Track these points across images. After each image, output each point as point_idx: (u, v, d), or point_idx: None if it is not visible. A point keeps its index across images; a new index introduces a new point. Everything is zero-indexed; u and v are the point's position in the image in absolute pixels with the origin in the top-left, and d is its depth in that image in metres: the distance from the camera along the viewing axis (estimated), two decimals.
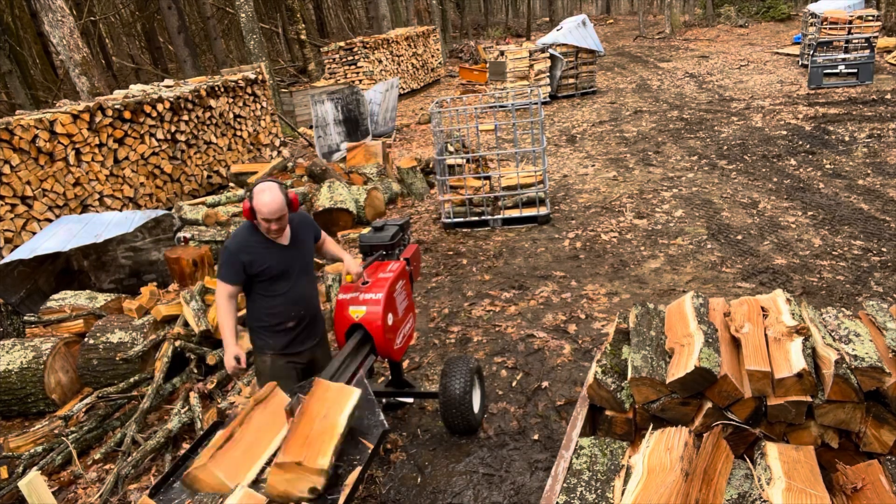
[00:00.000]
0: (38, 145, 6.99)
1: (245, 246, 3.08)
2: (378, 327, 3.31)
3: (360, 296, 3.39)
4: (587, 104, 14.26)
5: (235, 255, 3.06)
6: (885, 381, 2.02)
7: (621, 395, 2.35)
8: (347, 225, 7.56)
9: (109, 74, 24.62)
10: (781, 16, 25.62)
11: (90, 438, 4.17)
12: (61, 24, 10.25)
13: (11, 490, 3.68)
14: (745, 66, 16.34)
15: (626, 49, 23.73)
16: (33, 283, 5.72)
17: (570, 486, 1.96)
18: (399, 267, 3.64)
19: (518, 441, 3.65)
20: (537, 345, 4.66)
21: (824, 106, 10.90)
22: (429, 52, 21.14)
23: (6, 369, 4.50)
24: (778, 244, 5.84)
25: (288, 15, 25.69)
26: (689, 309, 2.52)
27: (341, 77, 17.28)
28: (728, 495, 1.76)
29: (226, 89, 10.31)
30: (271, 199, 2.96)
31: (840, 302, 4.69)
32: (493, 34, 32.77)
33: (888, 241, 5.59)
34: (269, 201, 2.95)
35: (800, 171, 7.77)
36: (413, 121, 14.91)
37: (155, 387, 4.32)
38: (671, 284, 5.34)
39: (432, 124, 7.04)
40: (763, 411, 2.16)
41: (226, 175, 10.01)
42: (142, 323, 4.75)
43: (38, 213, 6.93)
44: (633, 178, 8.39)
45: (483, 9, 41.44)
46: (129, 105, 8.28)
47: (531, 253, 6.43)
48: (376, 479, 3.50)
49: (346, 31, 35.37)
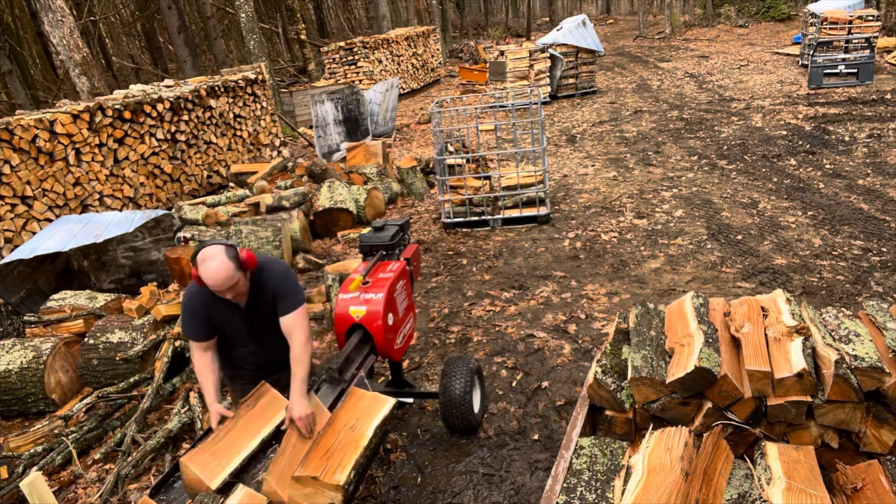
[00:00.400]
0: (38, 145, 6.99)
1: (205, 303, 2.79)
2: (378, 327, 3.31)
3: (360, 296, 3.39)
4: (587, 104, 14.26)
5: (195, 311, 2.81)
6: (885, 381, 2.02)
7: (621, 395, 2.35)
8: (347, 225, 7.56)
9: (109, 74, 24.62)
10: (781, 16, 25.61)
11: (90, 438, 4.17)
12: (61, 24, 10.25)
13: (11, 490, 3.68)
14: (745, 66, 16.34)
15: (626, 49, 23.73)
16: (33, 283, 5.71)
17: (570, 486, 1.96)
18: (399, 267, 3.64)
19: (518, 441, 3.65)
20: (537, 345, 4.66)
21: (824, 106, 10.90)
22: (429, 52, 21.14)
23: (6, 369, 4.50)
24: (778, 244, 5.84)
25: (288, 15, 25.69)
26: (689, 309, 2.52)
27: (341, 77, 17.28)
28: (728, 495, 1.76)
29: (226, 89, 10.31)
30: (217, 268, 2.57)
31: (840, 302, 4.69)
32: (493, 34, 32.77)
33: (888, 241, 5.59)
34: (214, 272, 2.57)
35: (800, 171, 7.77)
36: (413, 121, 14.91)
37: (155, 387, 4.32)
38: (671, 284, 5.34)
39: (432, 124, 7.04)
40: (763, 411, 2.16)
41: (226, 175, 10.01)
42: (142, 323, 4.75)
43: (38, 213, 6.93)
44: (633, 178, 8.39)
45: (483, 9, 41.44)
46: (129, 105, 8.28)
47: (531, 253, 6.43)
48: (376, 478, 3.50)
49: (346, 31, 35.38)
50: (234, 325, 2.89)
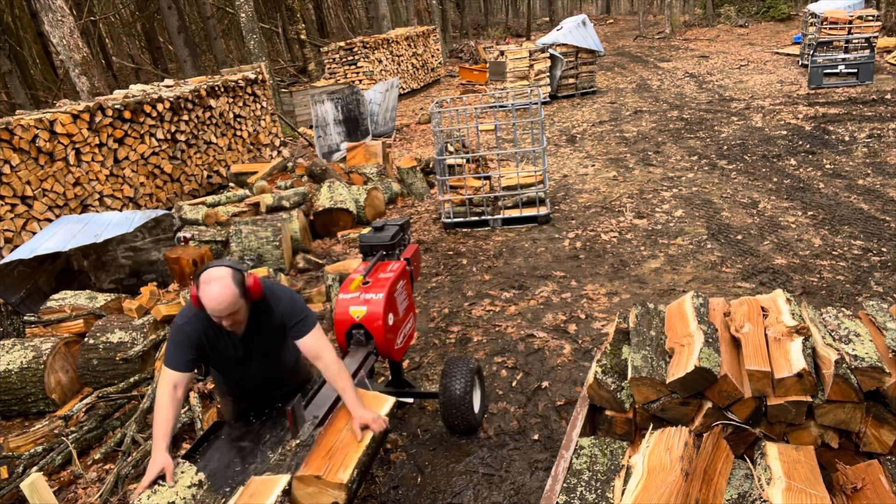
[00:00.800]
0: (38, 145, 6.99)
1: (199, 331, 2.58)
2: (379, 327, 3.31)
3: (360, 296, 3.39)
4: (587, 104, 14.26)
5: (187, 335, 2.56)
6: (885, 381, 2.02)
7: (621, 395, 2.35)
8: (347, 225, 7.56)
9: (109, 74, 24.62)
10: (781, 16, 25.61)
11: (90, 438, 4.17)
12: (61, 24, 10.25)
13: (11, 490, 3.68)
14: (745, 66, 16.34)
15: (626, 49, 23.72)
16: (33, 283, 5.71)
17: (570, 486, 1.96)
18: (399, 267, 3.64)
19: (518, 441, 3.65)
20: (537, 345, 4.66)
21: (824, 106, 10.90)
22: (429, 52, 21.14)
23: (6, 369, 4.50)
24: (778, 244, 5.84)
25: (288, 15, 25.68)
26: (689, 309, 2.52)
27: (341, 77, 17.28)
28: (728, 495, 1.76)
29: (226, 89, 10.31)
30: (220, 293, 2.39)
31: (840, 302, 4.69)
32: (493, 34, 32.76)
33: (888, 241, 5.59)
34: (216, 295, 2.39)
35: (800, 171, 7.77)
36: (413, 121, 14.91)
37: (155, 387, 4.32)
38: (671, 284, 5.34)
39: (432, 124, 7.04)
40: (763, 411, 2.16)
41: (226, 175, 10.01)
42: (142, 323, 4.75)
43: (38, 213, 6.93)
44: (633, 178, 8.39)
45: (483, 9, 41.43)
46: (129, 105, 8.28)
47: (531, 253, 6.43)
48: (376, 478, 3.50)
49: (346, 31, 35.37)
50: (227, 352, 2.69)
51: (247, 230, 6.45)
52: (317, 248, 7.30)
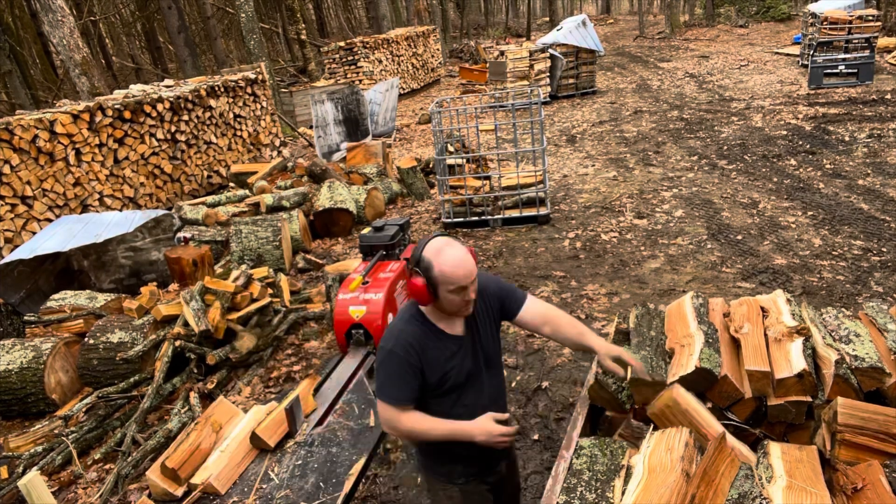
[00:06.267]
0: (38, 145, 6.99)
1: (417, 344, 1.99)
2: (378, 327, 3.31)
3: (360, 295, 3.39)
4: (587, 104, 14.25)
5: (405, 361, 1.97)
6: (886, 382, 2.02)
7: (622, 395, 2.35)
8: (347, 225, 7.56)
9: (109, 74, 24.62)
10: (781, 16, 25.60)
11: (90, 438, 4.17)
12: (61, 24, 10.25)
13: (11, 490, 3.68)
14: (745, 66, 16.34)
15: (626, 49, 23.72)
16: (33, 283, 5.71)
17: (570, 486, 1.95)
18: (399, 267, 3.64)
19: (518, 441, 3.65)
20: (537, 345, 4.66)
21: (824, 106, 10.90)
22: (429, 52, 21.14)
23: (6, 369, 4.50)
24: (778, 244, 5.84)
25: (288, 15, 25.67)
26: (689, 309, 2.52)
27: (341, 77, 17.28)
28: (728, 495, 1.76)
29: (226, 89, 10.31)
30: (463, 252, 1.94)
31: (840, 302, 4.69)
32: (493, 34, 32.76)
33: (888, 241, 5.59)
34: (461, 255, 1.93)
35: (800, 171, 7.77)
36: (413, 121, 14.90)
37: (155, 387, 4.31)
38: (671, 284, 5.34)
39: (432, 124, 7.04)
40: (763, 411, 2.16)
41: (226, 175, 10.01)
42: (142, 323, 4.75)
43: (38, 213, 6.93)
44: (633, 178, 8.39)
45: (483, 9, 41.42)
46: (129, 105, 8.28)
47: (531, 253, 6.43)
48: (377, 478, 3.50)
49: (346, 31, 35.37)
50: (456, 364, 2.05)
51: (247, 230, 6.45)
52: (317, 248, 7.30)
